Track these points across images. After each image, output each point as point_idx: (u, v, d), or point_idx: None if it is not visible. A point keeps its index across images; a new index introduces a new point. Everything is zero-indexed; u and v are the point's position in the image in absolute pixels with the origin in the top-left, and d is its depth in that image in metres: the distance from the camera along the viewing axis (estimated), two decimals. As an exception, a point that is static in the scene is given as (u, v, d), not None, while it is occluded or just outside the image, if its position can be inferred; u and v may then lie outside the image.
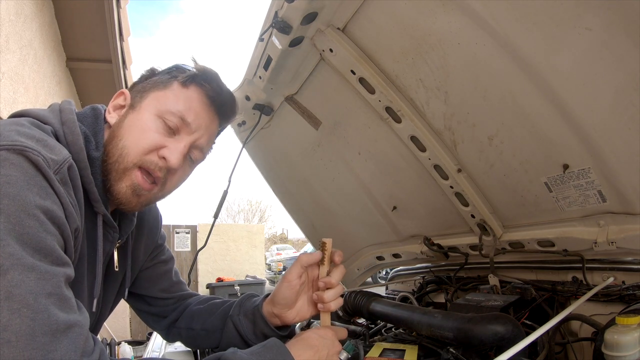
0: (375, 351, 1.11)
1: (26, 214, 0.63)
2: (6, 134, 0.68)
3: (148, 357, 1.65)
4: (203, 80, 0.94)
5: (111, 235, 0.93)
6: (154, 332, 1.92)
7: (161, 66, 0.98)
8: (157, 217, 1.20)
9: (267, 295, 1.11)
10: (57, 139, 0.79)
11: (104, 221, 0.89)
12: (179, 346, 1.59)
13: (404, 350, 1.10)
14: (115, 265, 1.00)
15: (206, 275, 10.54)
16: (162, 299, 1.21)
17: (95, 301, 0.92)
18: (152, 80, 0.94)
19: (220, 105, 0.97)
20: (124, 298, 1.13)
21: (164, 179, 0.91)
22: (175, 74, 0.94)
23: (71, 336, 0.64)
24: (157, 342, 1.72)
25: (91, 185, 0.83)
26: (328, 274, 1.02)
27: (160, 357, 1.52)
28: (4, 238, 0.60)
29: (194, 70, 0.96)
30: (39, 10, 3.31)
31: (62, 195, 0.70)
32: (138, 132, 0.87)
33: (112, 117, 0.92)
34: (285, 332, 1.10)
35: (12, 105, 2.78)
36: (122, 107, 0.93)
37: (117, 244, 0.99)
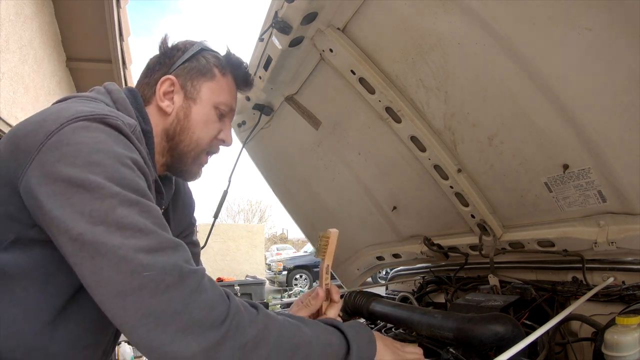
0: (375, 351, 1.11)
1: (120, 163, 0.71)
2: (78, 108, 0.74)
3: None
4: (234, 68, 1.05)
5: (158, 201, 0.98)
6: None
7: (169, 40, 1.03)
8: (191, 197, 1.24)
9: None
10: None
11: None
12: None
13: (404, 350, 1.10)
14: None
15: (206, 275, 10.51)
16: None
17: None
18: (191, 65, 1.00)
19: (245, 86, 1.11)
20: None
21: None
22: (210, 59, 1.02)
23: (182, 250, 0.71)
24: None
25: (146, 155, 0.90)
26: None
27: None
28: (106, 183, 0.68)
29: (218, 53, 1.05)
30: (39, 10, 3.32)
31: (141, 151, 0.80)
32: (205, 124, 1.02)
33: (167, 106, 0.99)
34: None
35: (12, 105, 2.78)
36: (171, 92, 0.99)
37: (162, 210, 1.03)
